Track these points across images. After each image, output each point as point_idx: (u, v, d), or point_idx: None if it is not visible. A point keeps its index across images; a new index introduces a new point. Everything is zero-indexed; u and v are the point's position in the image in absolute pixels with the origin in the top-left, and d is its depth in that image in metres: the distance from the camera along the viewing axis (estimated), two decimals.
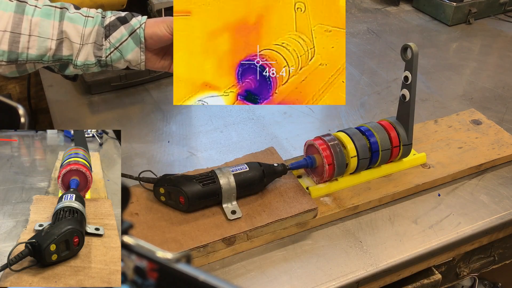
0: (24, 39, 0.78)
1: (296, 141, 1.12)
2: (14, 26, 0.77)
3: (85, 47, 0.82)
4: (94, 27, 0.81)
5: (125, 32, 0.82)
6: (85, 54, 0.82)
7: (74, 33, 0.80)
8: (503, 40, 1.61)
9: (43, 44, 0.79)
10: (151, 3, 1.37)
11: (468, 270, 1.09)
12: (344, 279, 0.82)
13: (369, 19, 1.72)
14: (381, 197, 0.95)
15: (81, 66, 0.83)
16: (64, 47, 0.81)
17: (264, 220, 0.86)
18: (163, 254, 0.38)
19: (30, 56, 0.80)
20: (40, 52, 0.80)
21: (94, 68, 0.85)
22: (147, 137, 1.13)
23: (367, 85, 1.35)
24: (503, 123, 1.18)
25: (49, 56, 0.81)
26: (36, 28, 0.78)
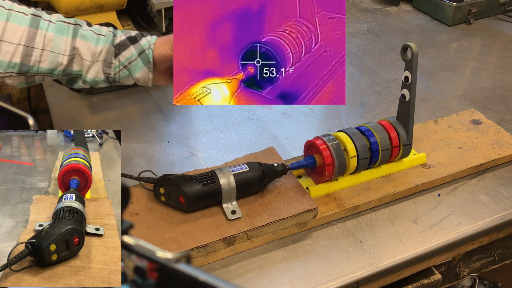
0: (36, 53, 0.80)
1: (296, 141, 1.12)
2: (28, 40, 0.79)
3: (95, 64, 0.83)
4: (105, 45, 0.83)
5: (135, 52, 0.84)
6: (95, 71, 0.84)
7: (86, 51, 0.82)
8: (503, 40, 1.61)
9: (55, 59, 0.81)
10: (151, 3, 1.37)
11: (468, 270, 1.09)
12: (344, 279, 0.82)
13: (369, 19, 1.72)
14: (381, 197, 0.95)
15: (90, 82, 0.85)
16: (75, 63, 0.83)
17: (264, 220, 0.86)
18: (163, 254, 0.38)
19: (41, 69, 0.81)
20: (51, 66, 0.82)
21: (102, 84, 0.87)
22: (147, 137, 1.13)
23: (367, 85, 1.35)
24: (503, 123, 1.18)
25: (59, 70, 0.83)
26: (49, 43, 0.80)
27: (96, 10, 1.30)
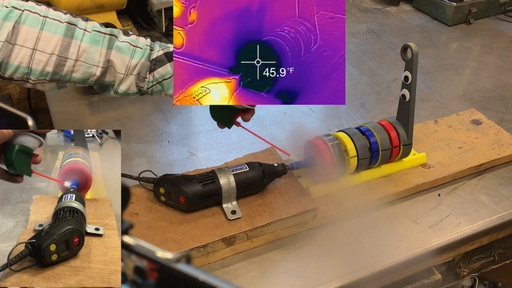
0: (70, 63, 0.78)
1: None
2: (62, 50, 0.77)
3: (128, 77, 0.82)
4: (140, 59, 0.81)
5: (170, 70, 0.82)
6: (128, 83, 0.83)
7: (120, 64, 0.81)
8: (503, 40, 1.61)
9: (88, 70, 0.80)
10: (151, 3, 1.37)
11: (468, 270, 1.08)
12: (344, 279, 0.82)
13: (369, 19, 1.72)
14: (381, 197, 0.95)
15: (122, 93, 0.84)
16: (108, 74, 0.82)
17: (264, 220, 0.86)
18: (163, 254, 0.38)
19: (73, 78, 0.80)
20: (84, 76, 0.80)
21: (134, 95, 0.85)
22: (147, 137, 1.13)
23: (367, 85, 1.35)
24: (503, 123, 1.18)
25: (92, 80, 0.82)
26: (83, 54, 0.79)
27: (96, 10, 1.31)
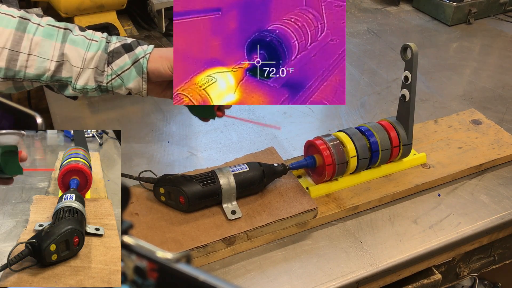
0: (22, 57, 0.76)
1: (296, 141, 1.12)
2: (14, 44, 0.75)
3: (85, 71, 0.80)
4: (97, 52, 0.79)
5: (128, 61, 0.80)
6: (85, 78, 0.80)
7: (76, 57, 0.78)
8: (503, 40, 1.61)
9: (42, 64, 0.78)
10: (151, 3, 1.37)
11: (468, 270, 1.09)
12: (344, 279, 0.82)
13: (369, 19, 1.72)
14: (381, 197, 0.95)
15: (80, 90, 0.81)
16: (64, 69, 0.79)
17: (264, 220, 0.86)
18: (163, 254, 0.38)
19: (28, 75, 0.78)
20: (38, 72, 0.78)
21: (94, 92, 0.83)
22: (147, 137, 1.13)
23: (367, 85, 1.35)
24: (503, 123, 1.18)
25: (47, 76, 0.79)
26: (36, 48, 0.77)
27: (96, 10, 1.31)
